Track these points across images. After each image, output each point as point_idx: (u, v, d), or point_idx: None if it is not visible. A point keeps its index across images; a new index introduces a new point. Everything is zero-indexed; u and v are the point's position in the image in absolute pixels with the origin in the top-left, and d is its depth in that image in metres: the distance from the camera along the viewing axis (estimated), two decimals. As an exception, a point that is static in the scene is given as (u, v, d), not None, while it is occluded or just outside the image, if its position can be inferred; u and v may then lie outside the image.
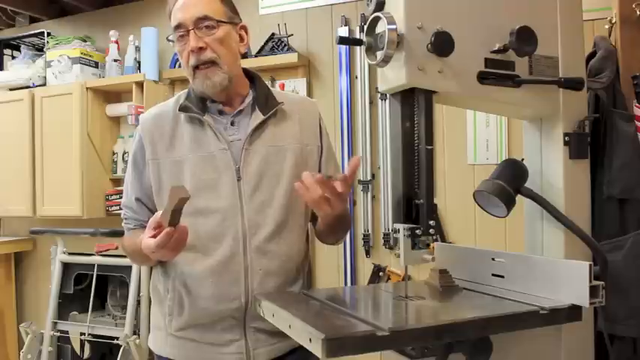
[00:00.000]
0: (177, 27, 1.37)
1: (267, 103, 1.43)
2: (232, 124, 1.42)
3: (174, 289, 1.39)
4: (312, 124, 1.50)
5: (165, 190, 1.38)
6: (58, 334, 3.03)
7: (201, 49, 1.35)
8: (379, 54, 1.07)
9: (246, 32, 1.48)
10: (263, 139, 1.41)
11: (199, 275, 1.36)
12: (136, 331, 2.83)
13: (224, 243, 1.35)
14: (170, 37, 1.40)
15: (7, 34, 3.75)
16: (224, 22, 1.38)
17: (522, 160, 1.25)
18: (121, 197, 1.71)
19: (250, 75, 1.50)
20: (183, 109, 1.40)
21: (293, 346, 1.41)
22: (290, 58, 2.84)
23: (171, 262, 1.39)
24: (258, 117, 1.41)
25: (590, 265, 1.01)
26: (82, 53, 3.27)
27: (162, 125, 1.42)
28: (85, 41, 3.33)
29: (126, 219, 1.49)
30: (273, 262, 1.38)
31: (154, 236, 1.17)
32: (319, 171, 1.48)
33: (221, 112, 1.43)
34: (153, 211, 1.42)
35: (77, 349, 3.05)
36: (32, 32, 3.50)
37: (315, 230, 1.52)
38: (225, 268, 1.35)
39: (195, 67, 1.37)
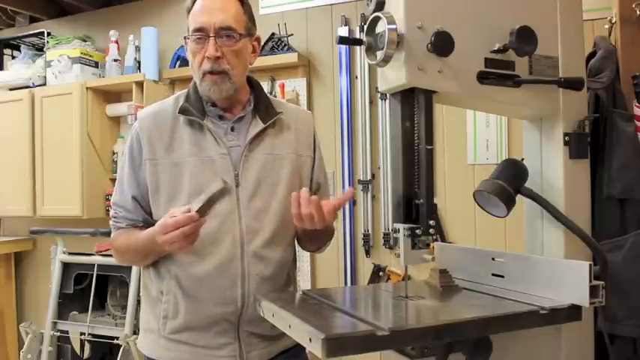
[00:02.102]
0: (198, 30, 1.35)
1: (267, 112, 1.44)
2: (232, 129, 1.42)
3: (170, 291, 1.38)
4: (307, 135, 1.50)
5: (162, 191, 1.38)
6: (58, 334, 3.03)
7: (217, 58, 1.34)
8: (379, 54, 1.07)
9: (259, 43, 1.48)
10: (261, 147, 1.41)
11: (197, 278, 1.36)
12: (135, 331, 2.82)
13: (222, 247, 1.35)
14: (186, 37, 1.38)
15: (7, 34, 3.75)
16: (244, 35, 1.38)
17: (522, 160, 1.25)
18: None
19: (251, 82, 1.50)
20: (183, 111, 1.40)
21: (285, 347, 1.43)
22: (290, 58, 2.84)
23: (166, 263, 1.38)
24: (258, 125, 1.41)
25: (590, 265, 1.01)
26: (82, 53, 3.26)
27: (161, 125, 1.41)
28: (85, 41, 3.33)
29: (116, 217, 1.46)
30: (269, 267, 1.39)
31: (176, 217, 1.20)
32: (311, 181, 1.50)
33: (221, 117, 1.42)
34: (147, 212, 1.41)
35: (77, 349, 3.05)
36: (32, 32, 3.50)
37: (298, 237, 1.53)
38: (222, 271, 1.35)
39: (206, 72, 1.36)
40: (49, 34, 3.43)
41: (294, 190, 1.42)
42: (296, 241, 1.52)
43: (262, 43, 2.87)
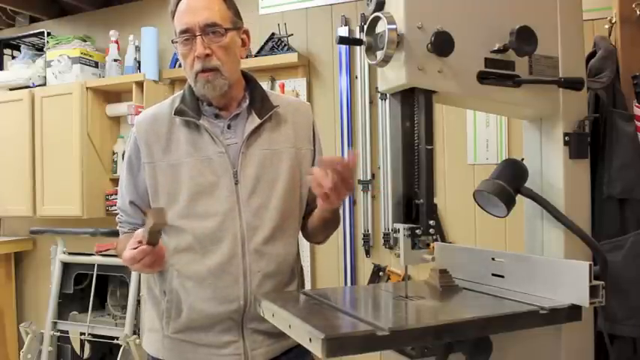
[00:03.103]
0: (184, 31, 1.35)
1: (263, 106, 1.43)
2: (229, 127, 1.41)
3: (172, 290, 1.38)
4: (306, 127, 1.50)
5: (161, 193, 1.38)
6: (58, 333, 3.03)
7: (207, 55, 1.34)
8: (379, 54, 1.07)
9: (248, 37, 1.48)
10: (259, 143, 1.41)
11: (198, 277, 1.36)
12: (136, 331, 2.83)
13: (222, 245, 1.35)
14: (175, 40, 1.38)
15: (7, 34, 3.75)
16: (230, 29, 1.38)
17: (522, 160, 1.25)
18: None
19: (246, 77, 1.50)
20: (178, 112, 1.40)
21: (290, 345, 1.43)
22: (290, 58, 2.84)
23: (168, 263, 1.38)
24: (254, 121, 1.41)
25: (590, 265, 1.01)
26: (82, 53, 3.27)
27: (158, 128, 1.41)
28: (85, 41, 3.33)
29: (120, 222, 1.50)
30: (271, 264, 1.39)
31: (135, 249, 1.23)
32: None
33: (217, 116, 1.42)
34: None
35: (77, 349, 3.05)
36: (32, 32, 3.50)
37: (306, 229, 1.53)
38: (223, 270, 1.35)
39: (198, 71, 1.36)
40: (49, 34, 3.43)
41: (294, 185, 1.43)
42: (301, 234, 1.52)
43: (262, 44, 2.91)
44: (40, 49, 3.54)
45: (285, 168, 1.42)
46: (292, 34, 2.91)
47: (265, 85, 2.80)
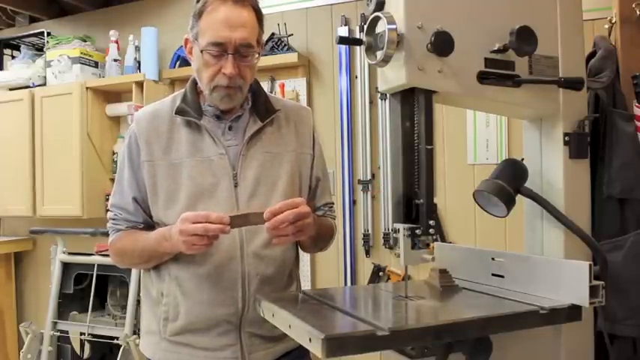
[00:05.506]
0: (217, 45, 1.30)
1: (264, 109, 1.43)
2: (230, 129, 1.41)
3: (170, 292, 1.37)
4: (307, 132, 1.49)
5: (160, 193, 1.37)
6: (58, 333, 3.03)
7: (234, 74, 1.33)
8: (379, 54, 1.08)
9: (262, 47, 1.45)
10: (260, 146, 1.40)
11: (196, 279, 1.35)
12: (135, 331, 2.83)
13: (221, 248, 1.33)
14: (205, 49, 1.31)
15: (7, 34, 3.75)
16: (258, 49, 1.37)
17: (522, 160, 1.25)
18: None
19: None
20: (180, 112, 1.38)
21: (287, 349, 1.42)
22: (290, 57, 2.84)
23: (167, 264, 1.38)
24: (255, 123, 1.41)
25: (590, 265, 1.02)
26: (81, 53, 3.26)
27: (158, 126, 1.40)
28: (84, 41, 3.33)
29: (115, 220, 1.45)
30: (270, 267, 1.38)
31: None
32: (310, 177, 1.49)
33: (218, 117, 1.41)
34: (147, 214, 1.41)
35: (77, 349, 3.05)
36: (32, 32, 3.50)
37: (299, 243, 1.51)
38: (222, 272, 1.34)
39: (221, 86, 1.34)
40: (49, 34, 3.43)
41: (294, 188, 1.42)
42: (298, 245, 1.52)
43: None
44: (40, 49, 3.54)
45: (285, 171, 1.41)
46: (292, 34, 2.91)
47: (265, 85, 2.80)
